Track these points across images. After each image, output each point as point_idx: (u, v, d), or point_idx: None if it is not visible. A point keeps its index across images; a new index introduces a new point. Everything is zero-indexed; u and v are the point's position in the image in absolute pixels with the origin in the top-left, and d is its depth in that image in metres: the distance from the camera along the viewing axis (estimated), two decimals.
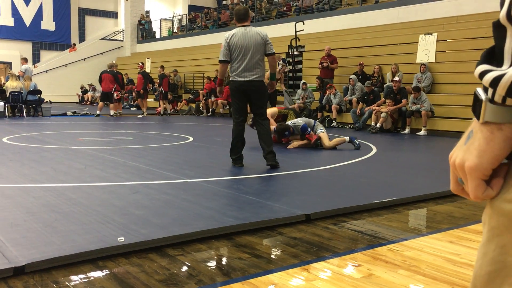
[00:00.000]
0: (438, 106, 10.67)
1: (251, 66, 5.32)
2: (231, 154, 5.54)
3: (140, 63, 16.26)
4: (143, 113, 15.25)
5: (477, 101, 0.66)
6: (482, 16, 11.49)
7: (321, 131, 7.60)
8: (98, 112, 14.50)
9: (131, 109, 18.68)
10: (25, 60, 15.52)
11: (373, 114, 11.08)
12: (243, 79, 5.33)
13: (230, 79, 5.47)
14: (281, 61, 15.02)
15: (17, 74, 14.03)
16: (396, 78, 11.09)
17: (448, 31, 12.04)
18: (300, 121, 7.75)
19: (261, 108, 5.50)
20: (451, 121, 10.28)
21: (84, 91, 24.24)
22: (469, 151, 0.66)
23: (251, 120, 8.30)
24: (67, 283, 2.21)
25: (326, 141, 7.44)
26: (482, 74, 0.64)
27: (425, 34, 12.03)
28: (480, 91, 0.65)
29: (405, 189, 4.46)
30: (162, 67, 16.61)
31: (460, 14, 12.32)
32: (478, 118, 0.65)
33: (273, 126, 7.53)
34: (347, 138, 7.52)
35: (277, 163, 5.37)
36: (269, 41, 5.44)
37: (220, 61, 5.44)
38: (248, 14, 5.55)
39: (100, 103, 14.71)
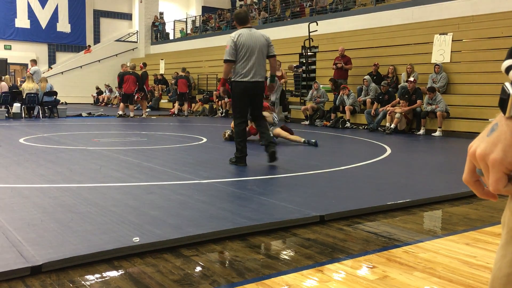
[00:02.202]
0: (453, 107, 10.57)
1: (257, 67, 5.43)
2: (237, 153, 5.57)
3: (141, 64, 16.30)
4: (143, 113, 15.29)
5: (504, 95, 0.65)
6: (498, 16, 11.35)
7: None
8: (120, 112, 14.66)
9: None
10: (34, 62, 15.74)
11: (387, 115, 11.01)
12: (249, 80, 5.42)
13: (235, 79, 5.48)
14: (294, 68, 15.02)
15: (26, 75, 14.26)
16: (411, 79, 10.99)
17: (463, 31, 11.91)
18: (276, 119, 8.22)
19: (259, 110, 5.72)
20: (467, 122, 10.16)
21: (99, 92, 24.47)
22: (494, 144, 0.65)
23: (227, 134, 8.34)
24: (83, 282, 2.23)
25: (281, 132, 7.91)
26: (508, 69, 0.64)
27: (440, 34, 11.92)
28: (508, 85, 0.65)
29: (420, 190, 4.42)
30: (184, 69, 16.61)
31: (475, 14, 12.18)
32: (504, 112, 0.65)
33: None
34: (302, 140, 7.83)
35: (276, 151, 5.53)
36: (271, 43, 5.62)
37: (226, 61, 5.46)
38: (248, 16, 5.81)
39: (121, 104, 14.86)
